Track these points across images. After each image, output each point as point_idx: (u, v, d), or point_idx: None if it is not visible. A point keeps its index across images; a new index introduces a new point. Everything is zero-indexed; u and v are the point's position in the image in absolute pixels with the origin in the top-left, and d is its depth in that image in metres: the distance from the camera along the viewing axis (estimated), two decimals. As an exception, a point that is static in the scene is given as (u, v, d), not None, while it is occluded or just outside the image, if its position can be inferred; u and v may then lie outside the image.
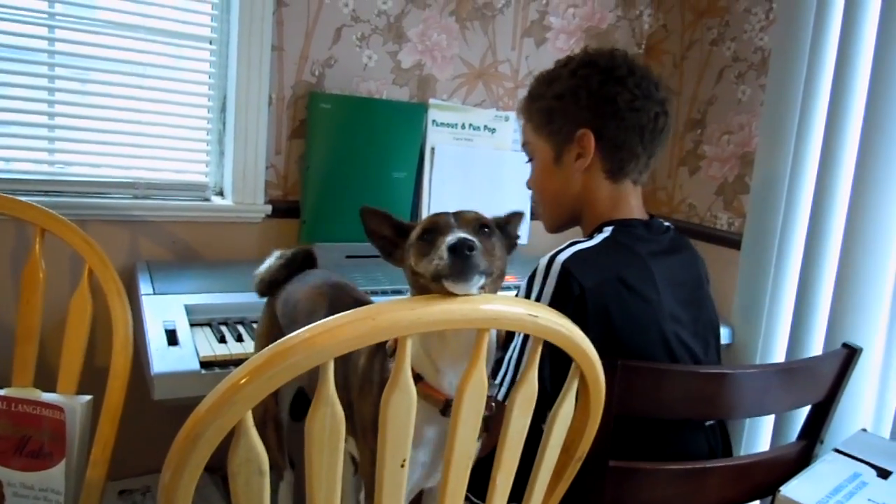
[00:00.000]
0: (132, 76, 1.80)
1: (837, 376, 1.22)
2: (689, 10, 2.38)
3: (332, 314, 0.69)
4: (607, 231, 1.22)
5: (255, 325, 1.47)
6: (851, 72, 1.71)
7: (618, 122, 1.22)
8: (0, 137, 1.70)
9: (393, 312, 0.69)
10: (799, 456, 1.26)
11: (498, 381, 1.16)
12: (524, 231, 2.17)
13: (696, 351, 1.21)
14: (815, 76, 1.82)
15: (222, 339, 1.40)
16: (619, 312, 1.11)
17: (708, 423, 1.24)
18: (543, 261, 1.15)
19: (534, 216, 2.16)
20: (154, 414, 1.48)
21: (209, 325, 1.48)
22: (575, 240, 1.19)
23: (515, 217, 1.06)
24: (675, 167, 2.41)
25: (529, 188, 1.38)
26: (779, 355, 1.95)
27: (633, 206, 1.28)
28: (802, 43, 1.83)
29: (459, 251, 0.80)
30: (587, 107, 1.24)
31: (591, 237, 1.22)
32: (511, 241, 1.06)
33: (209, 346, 1.37)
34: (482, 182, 2.11)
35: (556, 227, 1.38)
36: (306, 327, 0.69)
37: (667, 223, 1.33)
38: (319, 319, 0.69)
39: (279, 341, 0.69)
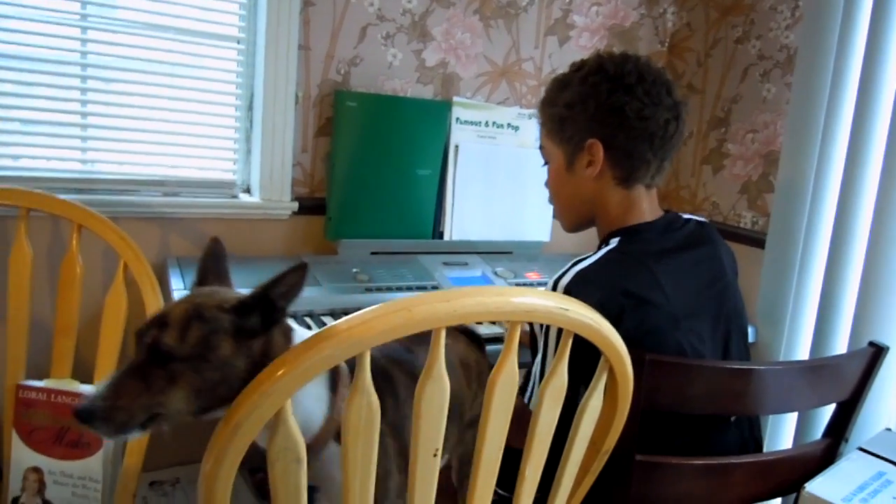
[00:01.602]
0: (161, 76, 1.82)
1: (863, 375, 1.22)
2: (713, 8, 2.37)
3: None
4: (613, 242, 1.23)
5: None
6: (879, 70, 1.71)
7: (626, 132, 1.22)
8: (35, 137, 1.74)
9: (428, 304, 0.71)
10: (824, 454, 1.27)
11: (528, 393, 1.19)
12: (545, 229, 2.18)
13: (715, 345, 1.22)
14: (841, 74, 1.81)
15: (252, 334, 1.43)
16: (627, 324, 1.10)
17: (734, 418, 1.24)
18: (549, 286, 1.18)
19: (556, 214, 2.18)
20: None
21: (239, 319, 1.50)
22: (577, 258, 1.20)
23: (284, 279, 0.83)
24: (699, 165, 2.41)
25: (547, 189, 1.39)
26: (802, 354, 1.95)
27: (646, 209, 1.28)
28: (829, 41, 1.83)
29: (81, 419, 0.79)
30: (595, 117, 1.24)
31: (597, 249, 1.23)
32: (273, 311, 0.85)
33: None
34: (505, 179, 2.13)
35: (571, 228, 1.39)
36: (342, 319, 0.71)
37: (687, 216, 1.33)
38: None
39: (317, 332, 0.71)
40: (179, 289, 1.57)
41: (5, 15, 1.63)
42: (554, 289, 1.15)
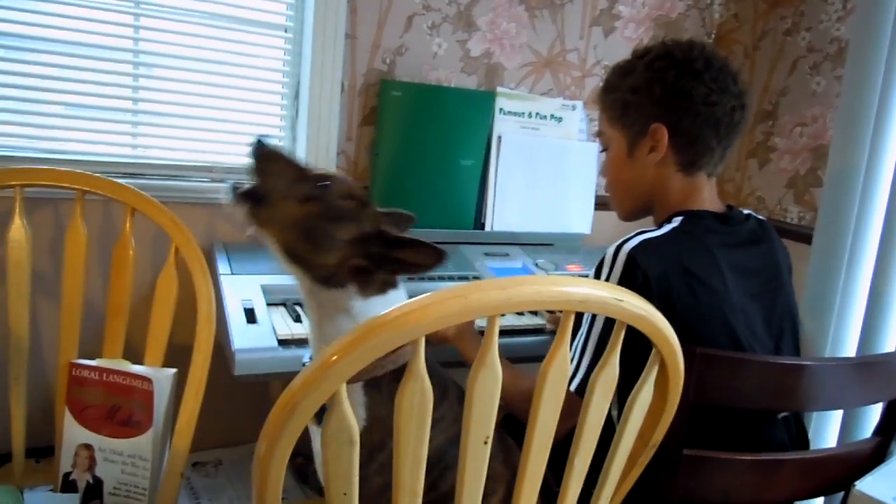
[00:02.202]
0: (210, 63, 1.85)
1: (915, 373, 1.20)
2: (762, 0, 2.33)
3: None
4: (676, 221, 1.22)
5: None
6: (934, 63, 1.67)
7: (693, 118, 1.22)
8: (87, 121, 1.77)
9: (484, 292, 0.70)
10: (873, 452, 1.25)
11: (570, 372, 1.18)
12: (587, 221, 2.17)
13: (766, 342, 1.21)
14: (895, 68, 1.77)
15: (297, 319, 1.45)
16: (684, 302, 1.11)
17: (781, 415, 1.23)
18: (610, 249, 1.16)
19: (597, 206, 2.17)
20: (225, 391, 1.54)
21: (284, 304, 1.53)
22: (642, 229, 1.19)
23: (418, 250, 1.00)
24: (744, 159, 2.38)
25: (603, 176, 1.38)
26: (849, 351, 1.92)
27: (707, 198, 1.28)
28: (882, 33, 1.79)
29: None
30: (661, 101, 1.24)
31: (660, 227, 1.22)
32: (386, 261, 1.02)
33: (285, 324, 1.41)
34: (548, 171, 2.12)
35: (628, 216, 1.38)
36: (396, 305, 0.71)
37: (747, 212, 1.32)
38: None
39: (371, 319, 0.71)
40: (226, 273, 1.59)
41: (62, 1, 1.66)
42: (617, 251, 1.14)
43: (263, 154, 1.03)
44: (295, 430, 0.71)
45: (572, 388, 1.15)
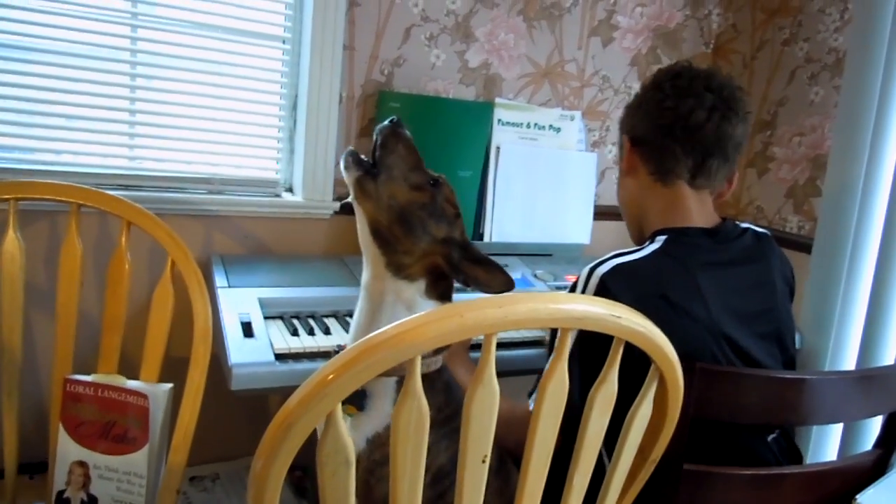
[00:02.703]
0: (208, 74, 1.85)
1: (917, 385, 1.19)
2: (759, 10, 2.33)
3: None
4: (659, 241, 1.20)
5: (325, 320, 1.50)
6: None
7: (646, 123, 1.27)
8: (84, 133, 1.77)
9: (480, 311, 0.70)
10: (874, 465, 1.24)
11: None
12: (586, 231, 2.16)
13: (752, 367, 1.18)
14: (892, 77, 1.78)
15: (294, 333, 1.44)
16: (661, 329, 1.07)
17: (771, 437, 1.21)
18: (584, 271, 1.15)
19: (596, 216, 2.17)
20: (222, 404, 1.53)
21: (281, 318, 1.52)
22: (618, 251, 1.17)
23: (493, 272, 1.12)
24: (743, 169, 2.37)
25: None
26: (849, 363, 1.91)
27: (693, 210, 1.25)
28: (879, 44, 1.79)
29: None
30: (632, 114, 1.32)
31: (641, 247, 1.20)
32: (460, 269, 1.11)
33: (283, 338, 1.40)
34: (546, 181, 2.11)
35: (633, 238, 1.37)
36: (392, 324, 0.70)
37: (745, 225, 1.31)
38: None
39: (367, 337, 0.70)
40: (223, 286, 1.58)
41: (59, 13, 1.66)
42: (589, 275, 1.12)
43: (393, 133, 1.10)
44: (291, 449, 0.70)
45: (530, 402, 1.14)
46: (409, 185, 1.08)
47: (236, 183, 1.91)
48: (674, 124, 1.23)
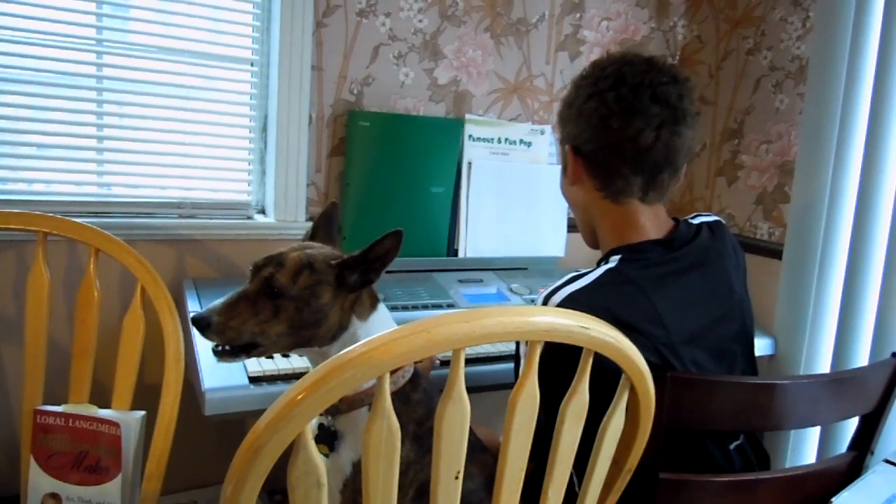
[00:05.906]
0: (176, 99, 1.84)
1: (887, 386, 1.20)
2: (723, 21, 2.37)
3: None
4: (613, 261, 1.14)
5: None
6: (892, 78, 1.70)
7: (594, 142, 1.15)
8: (51, 161, 1.75)
9: (447, 326, 0.70)
10: (849, 467, 1.25)
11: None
12: (560, 244, 2.17)
13: (717, 370, 1.16)
14: (854, 83, 1.81)
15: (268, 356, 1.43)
16: None
17: (733, 444, 1.20)
18: (539, 300, 1.11)
19: (570, 228, 2.18)
20: (197, 429, 1.51)
21: (255, 341, 1.50)
22: (572, 275, 1.12)
23: (382, 243, 1.04)
24: (713, 177, 2.40)
25: None
26: (823, 366, 1.93)
27: (646, 225, 1.18)
28: (841, 50, 1.82)
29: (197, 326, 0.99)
30: (573, 120, 1.19)
31: (595, 269, 1.14)
32: (368, 272, 1.06)
33: (256, 361, 1.39)
34: (519, 195, 2.12)
35: (587, 241, 1.30)
36: (362, 342, 0.70)
37: (697, 221, 1.26)
38: None
39: (336, 356, 0.70)
40: (196, 310, 1.56)
41: (22, 41, 1.65)
42: (544, 304, 1.08)
43: (211, 322, 1.00)
44: (262, 472, 0.70)
45: None
46: (264, 322, 1.02)
47: (208, 206, 1.90)
48: (621, 145, 1.13)
